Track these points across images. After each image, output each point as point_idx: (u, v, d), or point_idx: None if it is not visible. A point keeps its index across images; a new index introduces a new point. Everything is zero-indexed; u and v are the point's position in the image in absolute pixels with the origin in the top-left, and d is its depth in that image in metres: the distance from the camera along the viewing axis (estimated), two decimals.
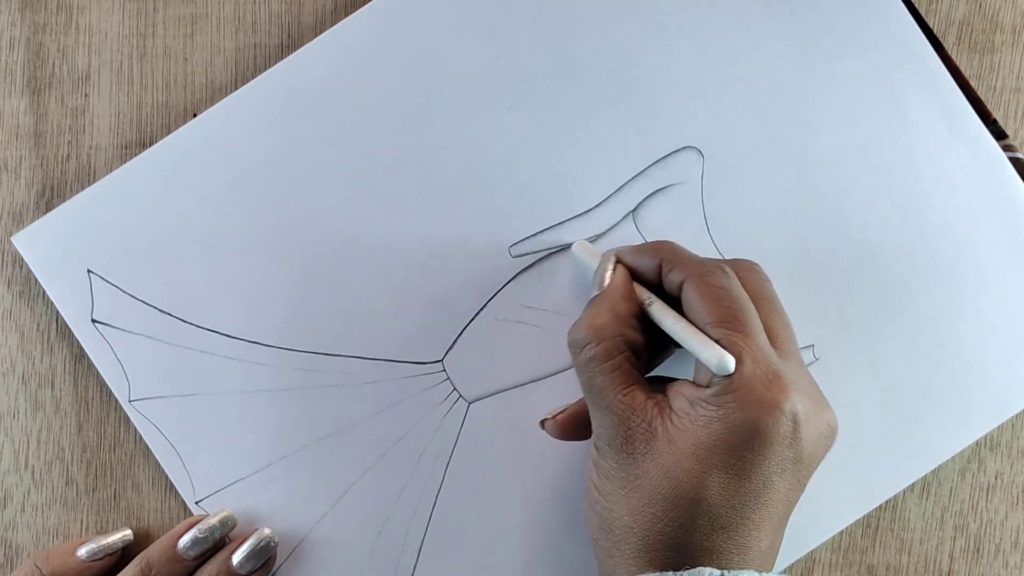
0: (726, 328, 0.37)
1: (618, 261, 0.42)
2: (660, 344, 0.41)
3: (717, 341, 0.37)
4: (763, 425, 0.36)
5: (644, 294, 0.40)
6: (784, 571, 0.45)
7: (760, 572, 0.36)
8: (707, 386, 0.37)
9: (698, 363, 0.38)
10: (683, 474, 0.36)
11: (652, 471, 0.37)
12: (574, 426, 0.42)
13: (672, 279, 0.40)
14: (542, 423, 0.42)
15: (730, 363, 0.36)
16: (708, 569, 0.36)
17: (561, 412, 0.42)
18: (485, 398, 0.46)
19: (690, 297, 0.39)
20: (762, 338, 0.38)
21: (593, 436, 0.40)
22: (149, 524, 0.46)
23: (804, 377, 0.39)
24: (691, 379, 0.39)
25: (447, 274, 0.45)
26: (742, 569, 0.36)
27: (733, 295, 0.38)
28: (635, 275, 0.41)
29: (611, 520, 0.38)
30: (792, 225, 0.46)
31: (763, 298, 0.40)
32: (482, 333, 0.45)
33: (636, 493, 0.37)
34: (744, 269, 0.41)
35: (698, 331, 0.38)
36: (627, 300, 0.40)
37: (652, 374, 0.42)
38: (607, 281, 0.41)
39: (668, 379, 0.40)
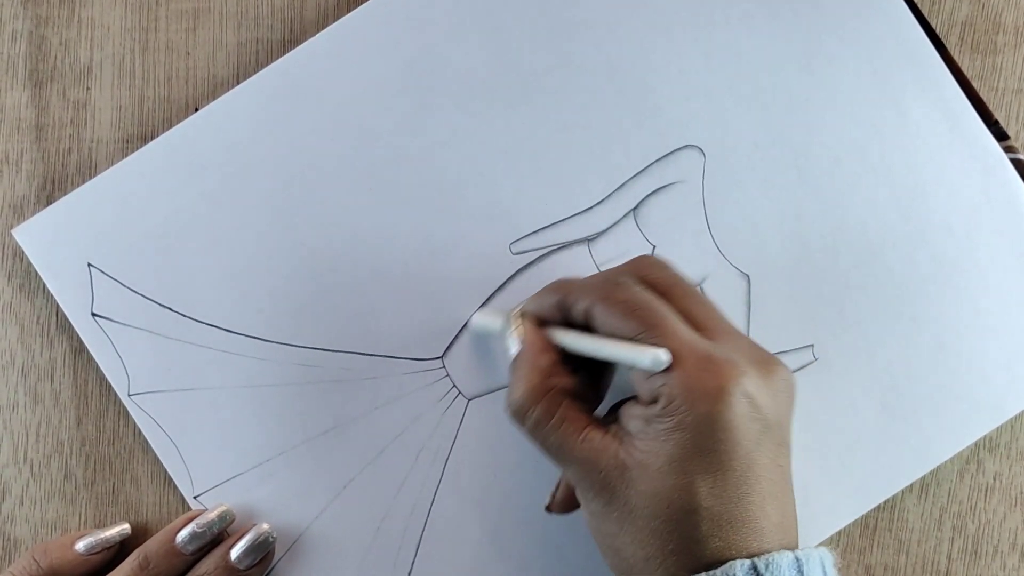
0: (645, 338, 0.37)
1: (522, 314, 0.41)
2: (598, 373, 0.41)
3: None
4: (719, 415, 0.36)
5: (558, 335, 0.40)
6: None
7: (789, 549, 0.36)
8: (654, 400, 0.37)
9: (638, 378, 0.38)
10: (670, 491, 0.36)
11: (640, 500, 0.37)
12: (573, 497, 0.41)
13: (578, 311, 0.39)
14: (548, 508, 0.42)
15: (664, 355, 0.36)
16: (739, 561, 0.35)
17: (556, 490, 0.42)
18: (484, 395, 0.46)
19: (601, 321, 0.38)
20: (683, 330, 0.37)
21: (575, 490, 0.39)
22: (147, 518, 0.46)
23: (740, 345, 0.38)
24: (635, 397, 0.39)
25: (447, 271, 0.45)
26: (771, 552, 0.36)
27: (639, 302, 0.38)
28: (543, 321, 0.41)
29: (626, 557, 0.38)
30: (792, 224, 0.46)
31: (669, 287, 0.39)
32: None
33: (634, 525, 0.37)
34: (642, 267, 0.40)
35: (623, 341, 0.37)
36: (545, 351, 0.40)
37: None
38: (520, 339, 0.40)
39: (616, 405, 0.40)
